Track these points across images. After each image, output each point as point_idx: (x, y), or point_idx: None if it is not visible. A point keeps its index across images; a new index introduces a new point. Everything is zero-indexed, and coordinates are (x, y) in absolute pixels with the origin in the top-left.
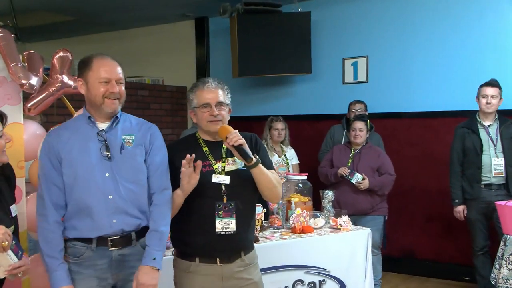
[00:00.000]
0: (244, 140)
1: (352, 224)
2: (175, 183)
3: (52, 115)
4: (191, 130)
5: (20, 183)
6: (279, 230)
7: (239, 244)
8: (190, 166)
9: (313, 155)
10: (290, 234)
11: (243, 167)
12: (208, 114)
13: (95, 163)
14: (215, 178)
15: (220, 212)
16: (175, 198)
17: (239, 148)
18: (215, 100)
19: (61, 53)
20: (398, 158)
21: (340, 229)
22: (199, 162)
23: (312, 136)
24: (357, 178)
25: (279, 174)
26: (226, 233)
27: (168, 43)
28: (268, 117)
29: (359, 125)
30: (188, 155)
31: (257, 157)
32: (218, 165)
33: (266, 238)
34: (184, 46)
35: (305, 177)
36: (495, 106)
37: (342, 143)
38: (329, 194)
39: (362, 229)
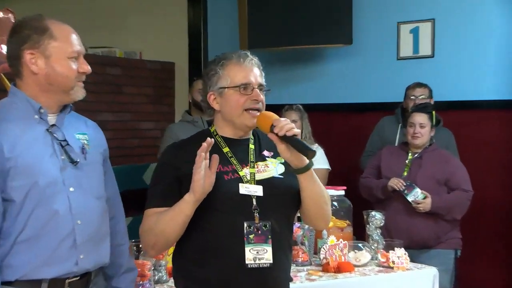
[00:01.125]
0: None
1: (409, 261)
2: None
3: None
4: (181, 125)
5: None
6: (305, 268)
7: (275, 283)
8: (206, 158)
9: (353, 161)
10: (320, 273)
11: (280, 174)
12: (248, 99)
13: (56, 174)
14: (243, 189)
15: (251, 236)
16: (182, 208)
17: (294, 140)
18: (257, 81)
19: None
20: (474, 165)
21: (392, 267)
22: (216, 156)
23: (351, 133)
24: (415, 194)
25: None
26: (260, 266)
27: (149, 2)
28: (281, 107)
29: (420, 118)
30: (208, 139)
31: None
32: (245, 171)
33: None
34: (171, 6)
35: (342, 192)
36: None
37: (396, 144)
38: (376, 217)
39: (425, 268)
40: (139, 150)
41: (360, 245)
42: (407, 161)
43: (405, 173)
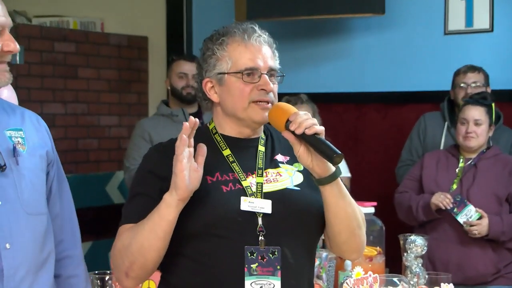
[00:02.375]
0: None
1: None
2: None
3: None
4: (155, 120)
5: None
6: None
7: None
8: (190, 145)
9: (386, 169)
10: None
11: (296, 185)
12: (254, 88)
13: None
14: (246, 204)
15: (254, 266)
16: (163, 213)
17: (316, 140)
18: (267, 65)
19: None
20: None
21: None
22: (202, 145)
23: (384, 133)
24: (468, 214)
25: None
26: None
27: None
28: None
29: (475, 113)
30: (191, 118)
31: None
32: (250, 181)
33: None
34: None
35: (372, 210)
36: None
37: (442, 147)
38: (417, 243)
39: None
40: (99, 154)
41: (395, 279)
42: (457, 170)
43: (455, 186)
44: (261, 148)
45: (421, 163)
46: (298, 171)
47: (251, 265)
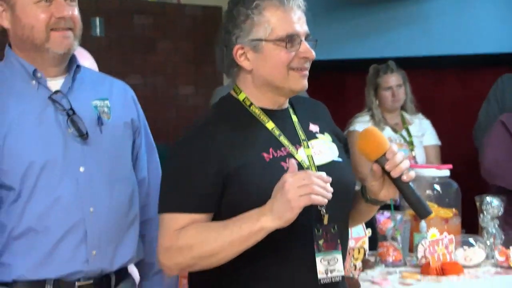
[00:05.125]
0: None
1: None
2: (237, 198)
3: None
4: (228, 88)
5: None
6: (398, 270)
7: None
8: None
9: (460, 131)
10: (418, 276)
11: (338, 157)
12: (295, 56)
13: (57, 151)
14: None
15: (321, 242)
16: (254, 236)
17: (409, 190)
18: (305, 31)
19: None
20: None
21: None
22: (293, 162)
23: (459, 97)
24: None
25: None
26: (332, 280)
27: None
28: (370, 63)
29: None
30: (292, 161)
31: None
32: (301, 153)
33: (374, 283)
34: None
35: (447, 172)
36: None
37: None
38: (493, 205)
39: None
40: (176, 124)
41: (471, 240)
42: None
43: None
44: (294, 118)
45: (505, 127)
46: (331, 141)
47: (319, 242)
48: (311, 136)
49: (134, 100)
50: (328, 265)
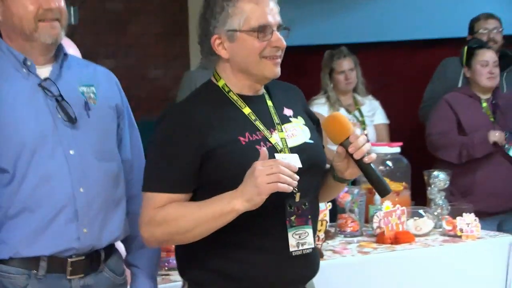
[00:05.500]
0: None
1: (481, 229)
2: (214, 178)
3: None
4: (200, 72)
5: None
6: (356, 239)
7: (313, 269)
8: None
9: (409, 111)
10: (374, 245)
11: (310, 139)
12: (267, 46)
13: (49, 134)
14: (280, 159)
15: (293, 218)
16: (226, 217)
17: (370, 170)
18: (277, 21)
19: None
20: None
21: (460, 236)
22: (264, 151)
23: (407, 78)
24: None
25: None
26: (303, 252)
27: None
28: (325, 48)
29: (492, 56)
30: (263, 150)
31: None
32: (275, 137)
33: (335, 252)
34: None
35: (398, 149)
36: None
37: (459, 86)
38: (440, 178)
39: (499, 237)
40: (147, 104)
41: (420, 211)
42: (483, 110)
43: (493, 123)
44: (270, 103)
45: (450, 105)
46: (304, 124)
47: (291, 218)
48: (285, 120)
49: (117, 86)
50: (299, 239)
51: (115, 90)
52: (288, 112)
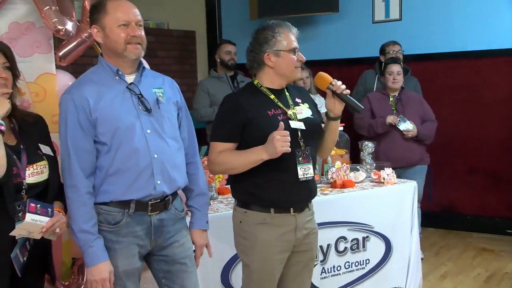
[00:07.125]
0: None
1: (396, 177)
2: (252, 135)
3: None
4: (210, 80)
5: (55, 138)
6: (318, 186)
7: (313, 191)
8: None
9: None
10: (330, 189)
11: (311, 115)
12: (296, 60)
13: (134, 119)
14: (293, 124)
15: (300, 159)
16: (254, 160)
17: (346, 98)
18: (297, 46)
19: None
20: (437, 104)
21: (383, 182)
22: (281, 124)
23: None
24: (406, 125)
25: None
26: (307, 179)
27: None
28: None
29: (397, 68)
30: (281, 123)
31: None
32: (290, 112)
33: None
34: None
35: (341, 128)
36: None
37: (374, 90)
38: (369, 146)
39: (408, 182)
40: None
41: (357, 167)
42: (390, 103)
43: (394, 111)
44: (287, 94)
45: (368, 100)
46: (308, 108)
47: (299, 158)
48: (296, 103)
49: (178, 89)
50: (304, 171)
51: (176, 92)
52: (298, 100)
